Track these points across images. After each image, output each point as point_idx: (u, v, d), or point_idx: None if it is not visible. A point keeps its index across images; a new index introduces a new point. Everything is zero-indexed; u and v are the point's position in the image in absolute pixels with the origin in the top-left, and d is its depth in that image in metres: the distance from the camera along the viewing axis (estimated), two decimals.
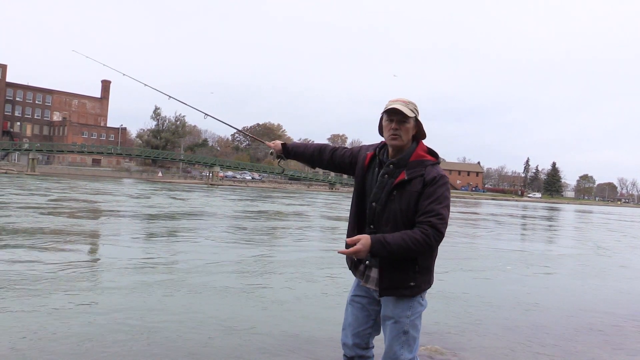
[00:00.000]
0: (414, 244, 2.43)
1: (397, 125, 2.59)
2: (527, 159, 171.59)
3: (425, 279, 2.63)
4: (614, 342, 5.30)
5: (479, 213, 37.25)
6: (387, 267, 2.58)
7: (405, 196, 2.55)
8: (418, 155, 2.63)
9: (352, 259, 2.79)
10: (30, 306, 5.29)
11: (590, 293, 8.11)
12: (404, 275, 2.56)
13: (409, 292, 2.58)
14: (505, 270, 9.83)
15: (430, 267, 2.66)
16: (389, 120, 2.64)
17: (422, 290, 2.63)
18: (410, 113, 2.60)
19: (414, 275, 2.57)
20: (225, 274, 7.76)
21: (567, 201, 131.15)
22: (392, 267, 2.57)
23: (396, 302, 2.62)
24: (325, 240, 14.04)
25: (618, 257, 13.56)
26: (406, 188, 2.55)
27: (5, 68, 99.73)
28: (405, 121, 2.60)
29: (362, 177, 2.77)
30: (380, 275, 2.61)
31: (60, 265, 7.60)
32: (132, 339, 4.45)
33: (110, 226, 13.98)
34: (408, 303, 2.61)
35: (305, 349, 4.48)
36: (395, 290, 2.59)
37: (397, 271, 2.57)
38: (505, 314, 6.20)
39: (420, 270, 2.58)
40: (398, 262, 2.55)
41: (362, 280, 2.74)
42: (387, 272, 2.59)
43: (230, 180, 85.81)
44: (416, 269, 2.57)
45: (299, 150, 3.12)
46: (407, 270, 2.56)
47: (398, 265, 2.56)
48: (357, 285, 2.81)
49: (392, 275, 2.58)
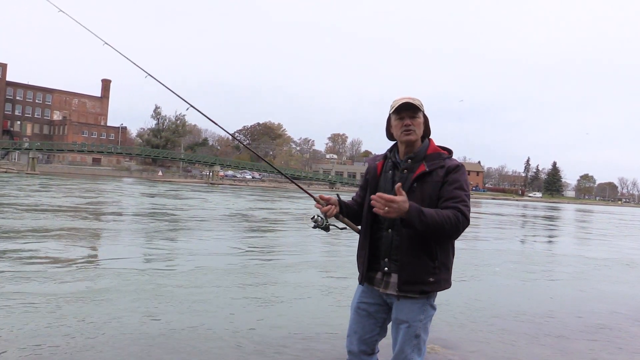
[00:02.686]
0: (447, 223, 2.37)
1: (410, 121, 2.59)
2: (528, 159, 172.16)
3: (444, 278, 2.58)
4: (616, 342, 5.29)
5: (488, 213, 37.27)
6: (407, 261, 2.52)
7: (427, 187, 2.51)
8: (435, 149, 2.63)
9: (366, 264, 2.68)
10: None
11: (594, 295, 8.10)
12: (424, 270, 2.51)
13: (429, 288, 2.53)
14: (507, 270, 9.81)
15: (449, 265, 2.61)
16: (399, 118, 2.62)
17: (441, 288, 2.58)
18: (420, 106, 2.62)
19: (433, 270, 2.52)
20: (225, 275, 7.75)
21: (568, 201, 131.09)
22: (413, 261, 2.52)
23: (411, 306, 2.55)
24: (327, 243, 14.04)
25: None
26: (427, 179, 2.52)
27: (5, 67, 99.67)
28: (416, 116, 2.60)
29: (376, 184, 2.70)
30: (399, 270, 2.54)
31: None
32: (131, 344, 4.44)
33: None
34: (421, 307, 2.56)
35: (305, 350, 4.47)
36: (414, 285, 2.52)
37: (417, 266, 2.52)
38: (506, 314, 6.19)
39: (440, 266, 2.53)
40: (418, 257, 2.51)
41: (381, 288, 2.63)
42: (408, 266, 2.53)
43: (230, 179, 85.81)
44: (435, 263, 2.52)
45: (352, 205, 2.83)
46: (427, 265, 2.51)
47: (418, 260, 2.51)
48: (363, 292, 2.73)
49: (412, 269, 2.52)
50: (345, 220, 2.75)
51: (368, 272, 2.69)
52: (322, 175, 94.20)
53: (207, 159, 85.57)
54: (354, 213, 2.79)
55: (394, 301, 2.60)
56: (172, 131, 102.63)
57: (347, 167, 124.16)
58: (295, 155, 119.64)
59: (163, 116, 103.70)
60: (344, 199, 2.83)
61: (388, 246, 2.59)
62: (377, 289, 2.65)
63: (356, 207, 2.81)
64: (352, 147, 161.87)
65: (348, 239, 11.17)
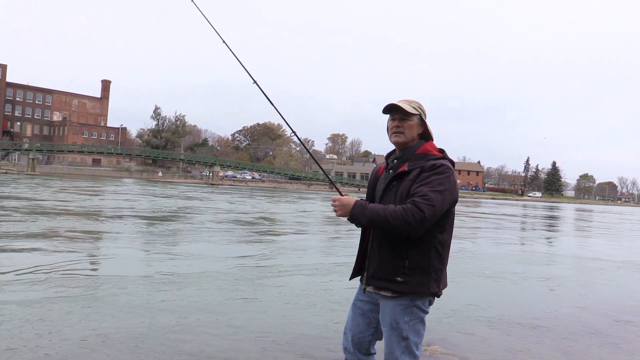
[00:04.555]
0: (392, 217, 2.34)
1: (400, 123, 2.59)
2: (527, 158, 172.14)
3: (419, 281, 2.47)
4: (615, 342, 5.28)
5: (489, 212, 37.24)
6: (374, 255, 2.56)
7: (402, 186, 2.50)
8: (425, 149, 2.60)
9: (359, 265, 2.76)
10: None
11: (593, 294, 8.10)
12: (391, 269, 2.49)
13: (396, 287, 2.48)
14: (510, 271, 9.81)
15: (430, 269, 2.49)
16: (391, 119, 2.65)
17: (415, 291, 2.48)
18: (412, 110, 2.58)
19: (402, 270, 2.47)
20: (226, 275, 7.74)
21: (567, 200, 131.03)
22: (380, 256, 2.54)
23: (394, 307, 2.53)
24: (326, 240, 14.03)
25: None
26: (404, 178, 2.52)
27: (5, 68, 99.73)
28: (407, 118, 2.58)
29: (374, 186, 2.76)
30: (368, 263, 2.61)
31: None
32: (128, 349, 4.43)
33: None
34: (405, 308, 2.51)
35: (305, 351, 4.47)
36: (379, 281, 2.53)
37: (384, 261, 2.52)
38: (508, 315, 6.18)
39: (412, 267, 2.46)
40: (386, 253, 2.51)
41: (364, 285, 2.69)
42: (374, 259, 2.56)
43: (230, 179, 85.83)
44: (405, 264, 2.47)
45: None
46: (395, 264, 2.48)
47: (386, 256, 2.51)
48: (360, 290, 2.77)
49: (379, 263, 2.54)
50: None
51: (361, 270, 2.76)
52: (322, 176, 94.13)
53: (207, 159, 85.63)
54: None
55: (380, 301, 2.61)
56: (172, 132, 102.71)
57: (347, 167, 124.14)
58: (295, 156, 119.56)
59: (163, 117, 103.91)
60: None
61: (370, 246, 2.64)
62: (363, 286, 2.73)
63: None
64: (351, 147, 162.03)
65: None
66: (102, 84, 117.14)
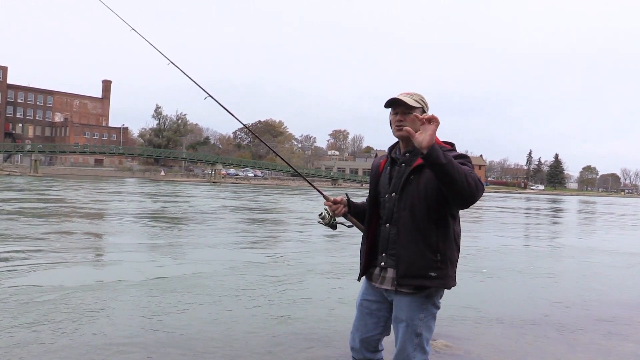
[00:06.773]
0: (468, 173, 2.21)
1: (402, 117, 2.55)
2: (530, 151, 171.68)
3: (450, 274, 2.47)
4: (620, 332, 5.27)
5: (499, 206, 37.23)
6: (405, 253, 2.46)
7: (423, 179, 2.44)
8: (436, 142, 2.54)
9: (364, 260, 2.68)
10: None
11: (599, 284, 8.09)
12: (425, 264, 2.42)
13: (430, 283, 2.43)
14: (513, 266, 9.80)
15: (454, 259, 2.50)
16: (394, 113, 2.60)
17: (446, 286, 2.48)
18: (414, 103, 2.54)
19: (435, 265, 2.42)
20: (227, 275, 7.76)
21: (570, 192, 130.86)
22: (412, 254, 2.44)
23: (410, 304, 2.49)
24: (330, 240, 14.04)
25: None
26: (424, 171, 2.43)
27: (5, 70, 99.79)
28: (410, 112, 2.53)
29: (377, 181, 2.69)
30: (397, 263, 2.48)
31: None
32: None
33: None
34: (421, 305, 2.49)
35: (308, 350, 4.47)
36: (413, 279, 2.44)
37: (416, 258, 2.43)
38: (512, 308, 6.17)
39: (443, 260, 2.44)
40: (418, 250, 2.43)
41: (377, 283, 2.61)
42: (406, 258, 2.46)
43: (232, 177, 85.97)
44: (438, 257, 2.43)
45: (361, 206, 2.83)
46: (428, 258, 2.42)
47: (418, 253, 2.43)
48: (367, 288, 2.71)
49: (411, 262, 2.44)
50: (353, 219, 2.79)
51: (368, 268, 2.69)
52: (324, 172, 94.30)
53: (209, 157, 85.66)
54: (363, 213, 2.78)
55: (394, 298, 2.55)
56: (173, 130, 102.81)
57: (349, 164, 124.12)
58: (297, 153, 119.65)
59: (164, 116, 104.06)
60: (356, 201, 2.87)
61: (385, 241, 2.57)
62: (374, 284, 2.63)
63: (365, 207, 2.80)
64: (353, 143, 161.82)
65: None
66: (103, 84, 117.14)
